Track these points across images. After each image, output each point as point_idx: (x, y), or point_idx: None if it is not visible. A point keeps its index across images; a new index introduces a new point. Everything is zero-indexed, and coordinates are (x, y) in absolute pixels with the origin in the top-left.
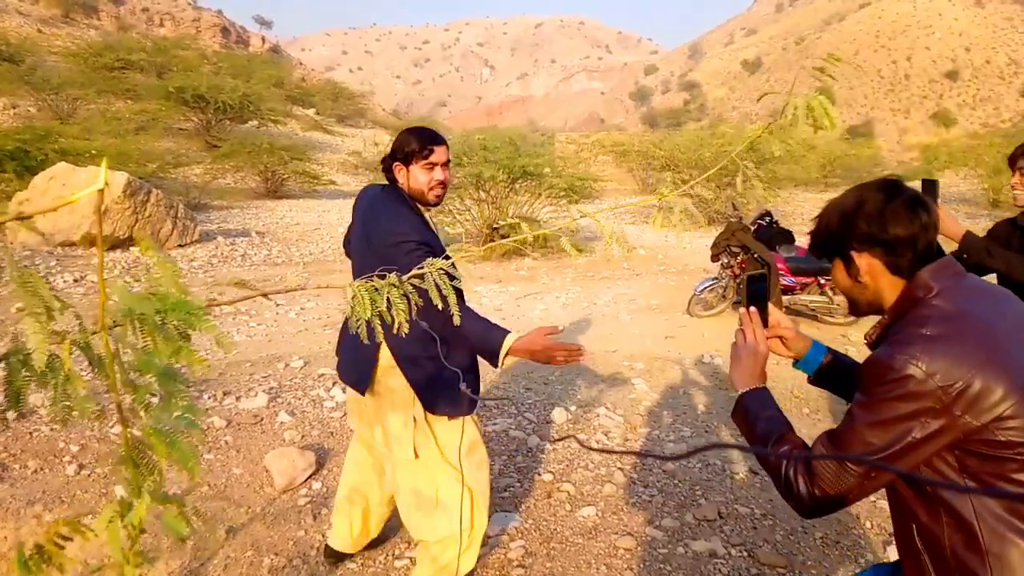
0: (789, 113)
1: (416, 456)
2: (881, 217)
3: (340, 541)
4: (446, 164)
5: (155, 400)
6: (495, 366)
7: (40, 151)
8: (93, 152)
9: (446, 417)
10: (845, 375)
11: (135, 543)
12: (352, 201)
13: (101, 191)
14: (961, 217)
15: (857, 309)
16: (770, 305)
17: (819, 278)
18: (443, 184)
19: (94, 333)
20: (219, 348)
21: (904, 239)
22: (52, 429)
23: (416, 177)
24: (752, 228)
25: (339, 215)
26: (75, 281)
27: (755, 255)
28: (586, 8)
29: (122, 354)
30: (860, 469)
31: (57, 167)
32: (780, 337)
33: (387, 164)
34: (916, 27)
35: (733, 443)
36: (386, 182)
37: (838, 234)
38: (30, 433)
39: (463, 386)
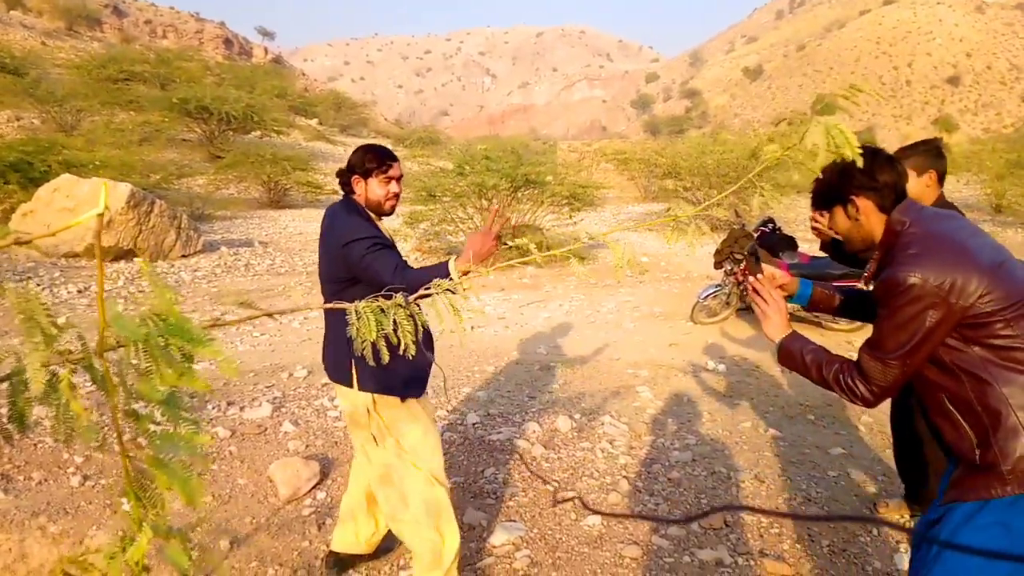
0: (809, 143)
1: (376, 444)
2: (871, 168)
3: (343, 544)
4: (399, 179)
5: (157, 428)
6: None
7: (44, 163)
8: (97, 163)
9: (395, 400)
10: (832, 300)
11: None
12: None
13: (101, 215)
14: None
15: (853, 246)
16: (761, 264)
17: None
18: (397, 196)
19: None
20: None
21: (889, 184)
22: (56, 440)
23: (374, 189)
24: (755, 235)
25: None
26: (79, 292)
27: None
28: (587, 17)
29: (125, 379)
30: (897, 361)
31: (61, 179)
32: (779, 286)
33: (345, 178)
34: (917, 33)
35: (742, 505)
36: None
37: (839, 184)
38: (34, 444)
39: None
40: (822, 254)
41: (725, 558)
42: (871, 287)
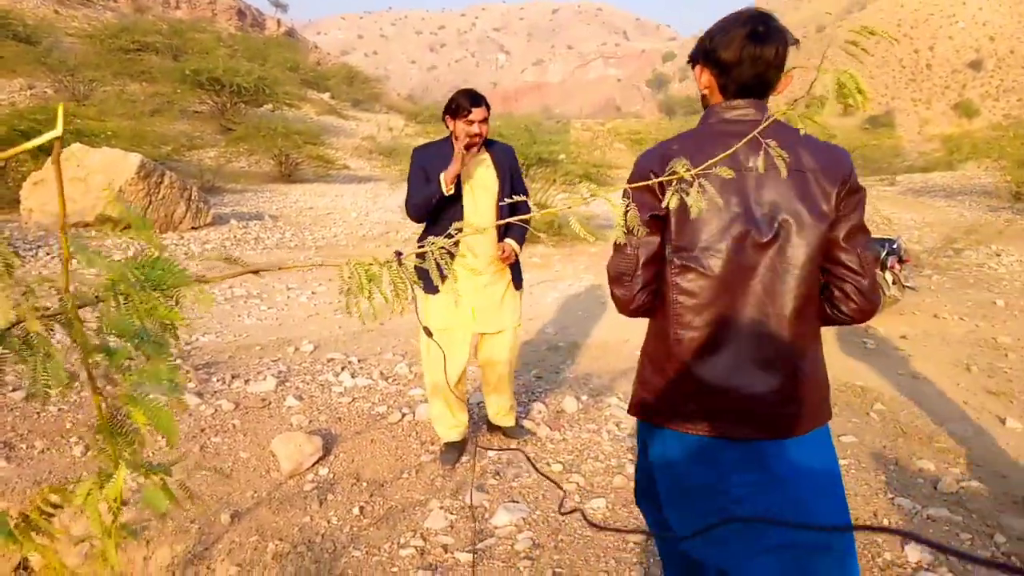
0: (818, 90)
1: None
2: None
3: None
4: (484, 120)
5: (134, 365)
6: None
7: None
8: (108, 134)
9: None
10: None
11: (117, 516)
12: (366, 186)
13: (60, 139)
14: (983, 209)
15: None
16: None
17: None
18: (479, 136)
19: (59, 300)
20: (201, 308)
21: (728, 63)
22: (60, 409)
23: (460, 128)
24: None
25: (352, 199)
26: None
27: None
28: None
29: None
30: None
31: (72, 148)
32: None
33: (443, 115)
34: (939, 16)
35: (745, 517)
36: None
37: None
38: (37, 412)
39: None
40: None
41: None
42: None
